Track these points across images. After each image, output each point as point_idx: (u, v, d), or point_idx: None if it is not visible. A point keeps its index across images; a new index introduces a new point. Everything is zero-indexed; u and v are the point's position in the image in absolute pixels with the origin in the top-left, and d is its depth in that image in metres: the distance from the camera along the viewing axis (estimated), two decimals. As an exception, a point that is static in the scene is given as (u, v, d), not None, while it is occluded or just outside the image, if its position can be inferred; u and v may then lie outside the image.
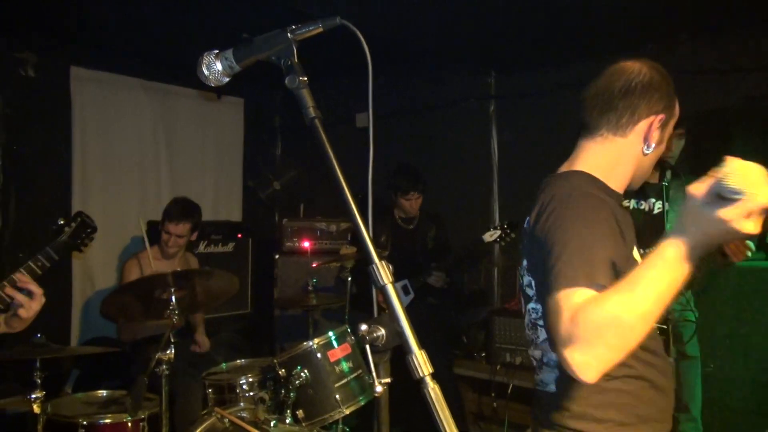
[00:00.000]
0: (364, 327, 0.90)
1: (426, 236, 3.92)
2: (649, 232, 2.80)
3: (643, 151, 1.45)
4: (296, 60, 0.97)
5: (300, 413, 2.56)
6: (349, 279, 3.52)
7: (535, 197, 1.44)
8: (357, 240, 0.94)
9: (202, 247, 4.46)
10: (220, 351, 3.68)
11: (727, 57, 3.59)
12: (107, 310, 2.88)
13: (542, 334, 1.45)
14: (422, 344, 0.85)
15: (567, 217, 1.30)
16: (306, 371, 2.59)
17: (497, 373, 3.82)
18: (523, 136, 4.45)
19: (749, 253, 2.39)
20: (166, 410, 2.57)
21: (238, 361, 3.11)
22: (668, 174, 2.52)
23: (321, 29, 0.99)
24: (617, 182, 1.47)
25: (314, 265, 4.03)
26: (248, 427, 2.32)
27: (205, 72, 1.06)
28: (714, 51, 3.64)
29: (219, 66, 1.05)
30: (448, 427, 0.83)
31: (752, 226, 0.95)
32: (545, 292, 1.23)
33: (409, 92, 4.91)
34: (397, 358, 0.93)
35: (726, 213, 0.95)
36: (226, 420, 2.41)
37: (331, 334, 2.68)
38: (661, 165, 2.56)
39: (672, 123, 1.47)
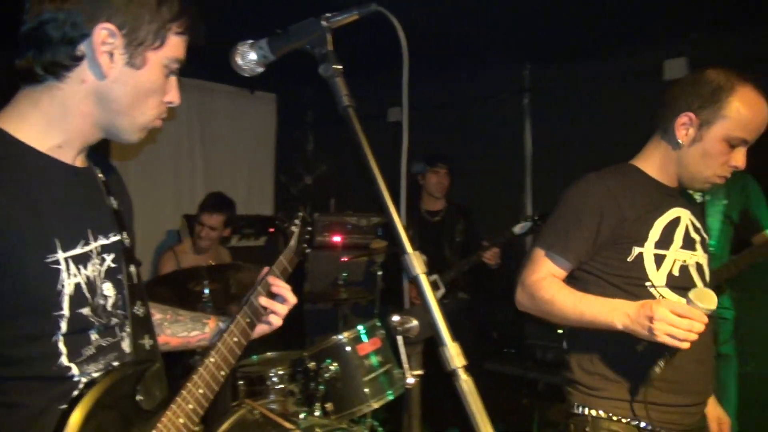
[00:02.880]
0: (396, 318, 0.89)
1: (454, 229, 3.85)
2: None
3: (673, 147, 1.60)
4: (331, 48, 0.97)
5: (329, 406, 2.58)
6: (379, 273, 3.52)
7: None
8: (389, 231, 0.93)
9: (234, 241, 4.51)
10: (252, 343, 3.72)
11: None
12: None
13: None
14: (456, 340, 0.84)
15: (568, 195, 1.65)
16: (335, 364, 2.60)
17: (528, 369, 3.78)
18: (556, 130, 4.38)
19: None
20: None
21: (269, 353, 3.14)
22: None
23: (357, 16, 0.98)
24: (665, 176, 1.65)
25: (344, 260, 4.03)
26: (278, 419, 2.34)
27: (240, 62, 1.06)
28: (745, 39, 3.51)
29: (253, 56, 1.05)
30: (481, 419, 0.81)
31: (658, 326, 1.35)
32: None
33: (443, 85, 4.87)
34: (430, 351, 0.92)
35: (674, 305, 1.36)
36: (257, 412, 2.43)
37: (360, 328, 2.69)
38: None
39: (721, 127, 1.52)
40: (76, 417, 0.98)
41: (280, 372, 2.75)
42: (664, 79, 3.78)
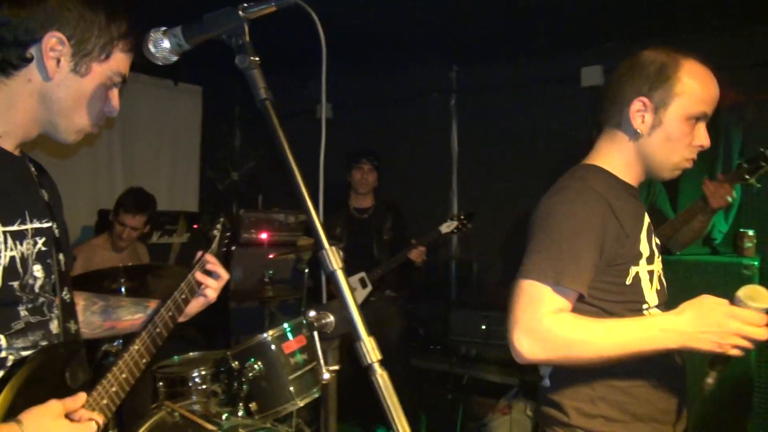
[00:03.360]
0: (312, 313, 0.88)
1: (382, 226, 3.86)
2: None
3: (630, 138, 1.42)
4: (247, 39, 0.95)
5: (253, 406, 2.53)
6: (306, 271, 3.49)
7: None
8: (309, 227, 0.92)
9: (155, 238, 4.35)
10: (174, 344, 3.59)
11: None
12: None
13: None
14: (380, 337, 0.84)
15: (558, 210, 1.35)
16: (260, 363, 2.56)
17: (453, 364, 3.86)
18: (482, 130, 4.49)
19: (729, 199, 2.39)
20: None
21: (191, 353, 3.05)
22: None
23: (274, 8, 0.96)
24: (630, 174, 1.46)
25: (271, 257, 3.97)
26: (199, 421, 2.27)
27: (152, 50, 1.02)
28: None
29: (167, 44, 1.02)
30: (395, 413, 0.82)
31: (732, 330, 1.19)
32: (518, 273, 1.32)
33: (372, 83, 4.90)
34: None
35: (736, 311, 1.19)
36: (177, 414, 2.35)
37: (286, 325, 2.66)
38: None
39: (679, 105, 1.37)
40: (6, 392, 1.06)
41: (203, 372, 2.68)
42: (582, 86, 3.96)
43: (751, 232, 3.21)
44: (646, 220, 1.45)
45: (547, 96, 4.17)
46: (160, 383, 2.69)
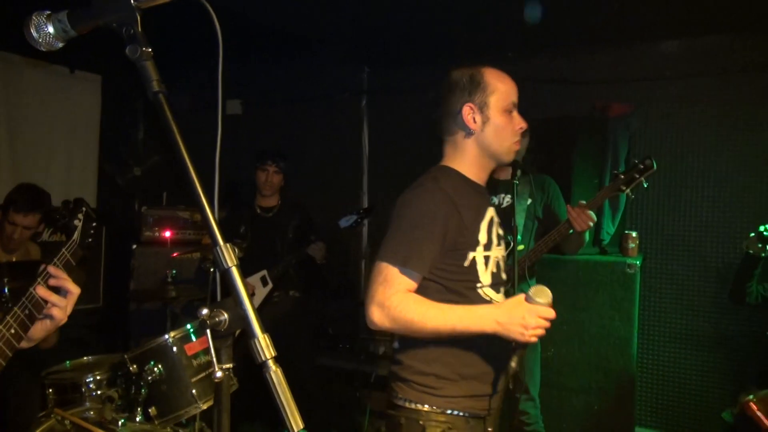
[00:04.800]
0: (205, 311, 0.87)
1: (287, 225, 3.79)
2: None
3: (466, 136, 1.71)
4: (139, 29, 0.91)
5: (152, 410, 2.44)
6: (212, 270, 3.39)
7: None
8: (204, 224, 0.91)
9: (46, 236, 4.06)
10: (66, 348, 3.37)
11: (577, 69, 3.95)
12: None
13: None
14: (284, 336, 0.84)
15: (411, 205, 1.63)
16: (160, 366, 2.46)
17: (361, 363, 3.89)
18: (392, 132, 4.57)
19: (591, 223, 2.60)
20: (-5, 414, 2.32)
21: (85, 358, 2.89)
22: (518, 172, 2.69)
23: (166, -1, 0.93)
24: (476, 171, 1.74)
25: (174, 256, 3.82)
26: (92, 428, 2.16)
27: (34, 34, 0.95)
28: (567, 62, 3.98)
29: (51, 29, 0.95)
30: (289, 409, 0.82)
31: (532, 323, 1.51)
32: (377, 256, 1.59)
33: (285, 81, 4.85)
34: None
35: (534, 309, 1.50)
36: (67, 422, 2.22)
37: (189, 326, 2.58)
38: (512, 163, 2.74)
39: (495, 102, 1.69)
40: None
41: (98, 377, 2.54)
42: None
43: (634, 234, 3.49)
44: (489, 214, 1.72)
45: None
46: (50, 390, 2.53)
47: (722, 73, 3.59)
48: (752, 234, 2.90)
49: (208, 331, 0.86)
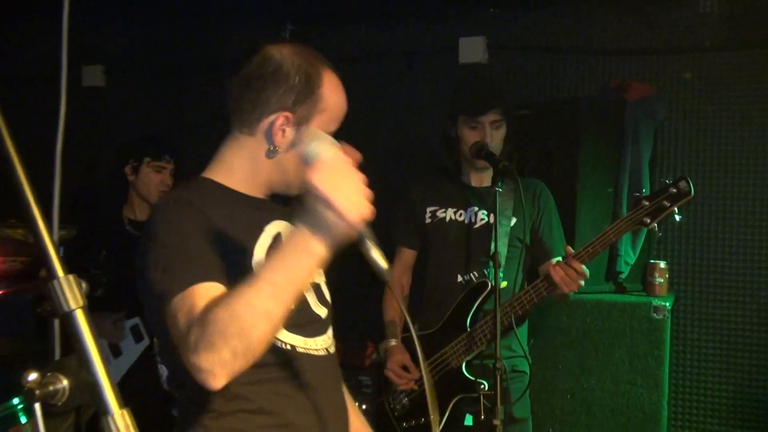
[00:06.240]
0: (33, 376, 0.85)
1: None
2: (466, 250, 2.99)
3: (266, 154, 1.73)
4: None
5: None
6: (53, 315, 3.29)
7: None
8: (37, 247, 0.90)
9: None
10: None
11: (583, 32, 4.06)
12: None
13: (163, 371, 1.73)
14: (164, 413, 0.84)
15: (157, 223, 1.66)
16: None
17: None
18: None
19: (582, 282, 2.66)
20: None
21: None
22: (500, 178, 2.73)
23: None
24: (253, 187, 1.79)
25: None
26: None
27: None
28: (571, 23, 4.09)
29: None
30: None
31: (350, 202, 1.37)
32: (155, 309, 1.58)
33: (169, 43, 4.84)
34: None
35: (330, 164, 1.40)
36: None
37: (15, 401, 2.49)
38: (492, 161, 2.78)
39: (319, 123, 1.71)
40: None
41: None
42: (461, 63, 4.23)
43: (662, 264, 3.57)
44: (270, 231, 1.75)
45: (419, 70, 4.40)
46: None
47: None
48: None
49: (37, 405, 0.84)
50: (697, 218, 3.92)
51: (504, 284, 2.81)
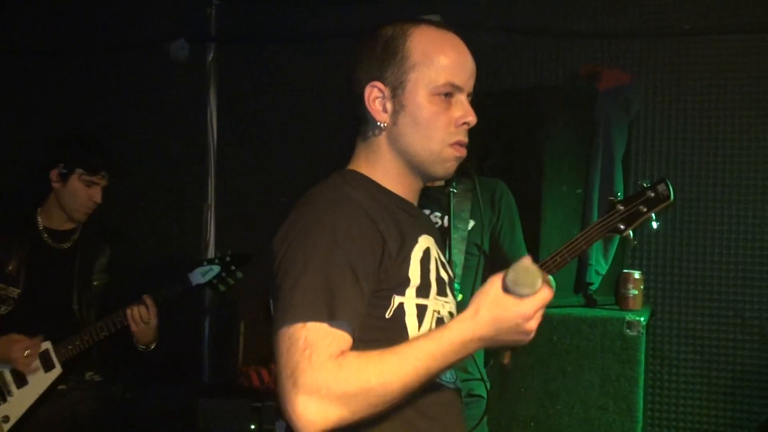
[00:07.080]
0: None
1: (92, 265, 3.67)
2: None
3: (375, 133, 1.75)
4: None
5: None
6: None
7: None
8: None
9: None
10: None
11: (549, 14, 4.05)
12: None
13: None
14: None
15: (309, 230, 1.61)
16: None
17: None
18: (259, 103, 4.68)
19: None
20: None
21: None
22: (454, 183, 2.70)
23: None
24: (395, 182, 1.77)
25: None
26: None
27: None
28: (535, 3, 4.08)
29: None
30: None
31: (534, 326, 1.47)
32: (277, 321, 1.54)
33: (77, 20, 4.80)
34: None
35: (527, 307, 1.44)
36: None
37: None
38: None
39: (418, 80, 1.69)
40: None
41: None
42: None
43: (637, 275, 3.56)
44: (427, 242, 1.72)
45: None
46: None
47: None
48: None
49: None
50: (676, 224, 3.92)
51: (460, 297, 2.76)
